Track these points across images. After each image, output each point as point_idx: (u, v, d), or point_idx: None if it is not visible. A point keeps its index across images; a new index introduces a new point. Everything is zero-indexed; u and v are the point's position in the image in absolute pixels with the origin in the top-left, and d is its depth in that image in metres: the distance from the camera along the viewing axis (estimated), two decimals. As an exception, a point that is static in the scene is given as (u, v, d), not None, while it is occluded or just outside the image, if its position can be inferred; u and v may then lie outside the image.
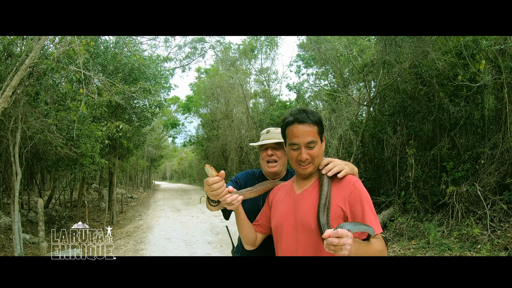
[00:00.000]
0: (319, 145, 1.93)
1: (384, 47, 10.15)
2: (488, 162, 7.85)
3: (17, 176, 7.91)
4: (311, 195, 1.91)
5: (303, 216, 1.83)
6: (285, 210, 1.96)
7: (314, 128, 1.89)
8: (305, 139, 1.87)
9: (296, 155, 1.92)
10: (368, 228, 1.56)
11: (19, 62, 6.84)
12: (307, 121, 1.89)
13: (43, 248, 7.42)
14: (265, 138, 2.56)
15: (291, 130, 1.93)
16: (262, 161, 2.56)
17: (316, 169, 1.97)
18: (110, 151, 13.88)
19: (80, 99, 6.81)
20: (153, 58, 14.86)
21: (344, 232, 1.37)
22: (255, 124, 19.02)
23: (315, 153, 1.90)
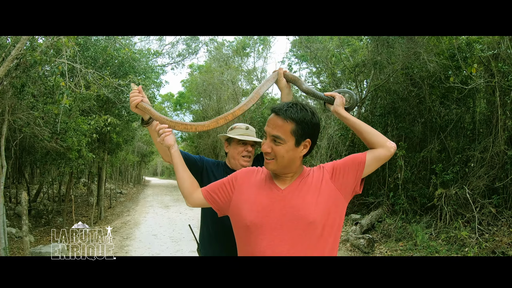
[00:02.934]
0: (290, 146, 1.69)
1: (376, 47, 10.14)
2: (477, 165, 7.87)
3: (2, 169, 7.78)
4: (301, 189, 1.72)
5: (297, 211, 1.64)
6: (267, 207, 1.70)
7: (288, 124, 1.67)
8: (271, 131, 1.69)
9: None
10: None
11: (5, 53, 6.71)
12: (281, 114, 1.68)
13: (26, 242, 7.31)
14: (245, 133, 2.62)
15: (268, 119, 1.78)
16: (237, 154, 2.58)
17: (285, 170, 1.75)
18: (99, 146, 13.74)
19: (61, 92, 6.67)
20: (144, 52, 14.68)
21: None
22: (246, 122, 18.95)
23: (279, 152, 1.68)
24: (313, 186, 1.73)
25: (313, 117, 1.73)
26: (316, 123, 1.75)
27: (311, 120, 1.71)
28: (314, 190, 1.71)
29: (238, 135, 2.59)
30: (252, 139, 2.57)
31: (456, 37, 8.27)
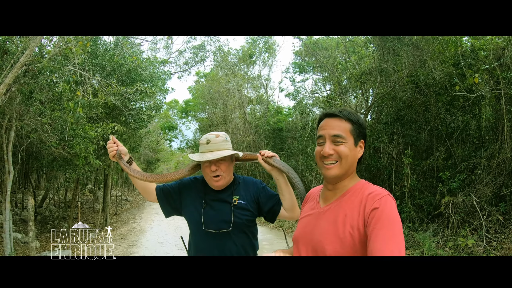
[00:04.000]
0: (350, 145, 1.65)
1: (382, 55, 10.16)
2: (484, 173, 7.82)
3: (9, 175, 7.84)
4: (333, 210, 1.64)
5: (319, 235, 1.60)
6: (306, 223, 1.73)
7: (345, 123, 1.65)
8: (331, 132, 1.64)
9: (320, 150, 1.67)
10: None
11: (14, 60, 6.79)
12: (338, 115, 1.67)
13: (32, 248, 7.34)
14: (205, 150, 2.31)
15: (321, 124, 1.72)
16: (206, 176, 2.36)
17: (344, 175, 1.67)
18: (106, 153, 13.79)
19: (77, 101, 6.74)
20: (151, 60, 14.80)
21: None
22: (252, 130, 18.99)
23: (343, 151, 1.62)
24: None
25: (362, 120, 1.73)
26: (365, 126, 1.74)
27: (362, 122, 1.71)
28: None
29: (197, 155, 2.34)
30: (209, 158, 2.24)
31: (460, 44, 8.28)
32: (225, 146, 2.32)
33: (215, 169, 2.28)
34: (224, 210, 2.33)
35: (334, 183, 1.68)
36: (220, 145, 2.30)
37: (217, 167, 2.28)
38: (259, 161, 2.35)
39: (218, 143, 2.30)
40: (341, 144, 1.62)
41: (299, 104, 16.62)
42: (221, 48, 21.39)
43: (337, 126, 1.64)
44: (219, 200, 2.38)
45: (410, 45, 9.20)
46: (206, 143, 2.30)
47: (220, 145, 2.30)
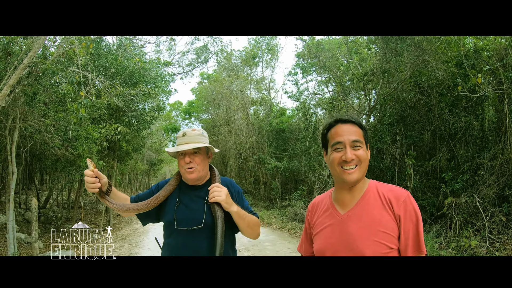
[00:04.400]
0: (365, 149, 1.73)
1: (385, 56, 10.15)
2: (487, 173, 7.79)
3: (13, 175, 7.88)
4: (359, 216, 1.69)
5: (353, 241, 1.63)
6: (330, 233, 1.74)
7: (358, 129, 1.74)
8: (350, 137, 1.70)
9: (340, 156, 1.70)
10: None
11: (18, 61, 6.84)
12: (351, 120, 1.75)
13: (35, 248, 7.36)
14: (181, 142, 2.35)
15: (334, 130, 1.76)
16: (181, 168, 2.36)
17: (362, 178, 1.74)
18: (109, 154, 13.86)
19: (80, 101, 6.78)
20: (154, 61, 14.84)
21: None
22: (255, 131, 19.00)
23: (362, 155, 1.70)
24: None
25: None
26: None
27: (364, 126, 1.79)
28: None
29: (172, 148, 2.40)
30: (182, 149, 2.29)
31: (463, 45, 8.26)
32: (200, 140, 2.33)
33: (188, 161, 2.29)
34: (197, 207, 2.31)
35: (352, 186, 1.74)
36: (195, 138, 2.32)
37: (191, 159, 2.30)
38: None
39: (193, 136, 2.33)
40: (360, 149, 1.69)
41: (302, 105, 16.63)
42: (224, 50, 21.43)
43: (354, 132, 1.71)
44: (194, 196, 2.37)
45: (413, 45, 9.19)
46: (182, 135, 2.35)
47: (195, 138, 2.32)
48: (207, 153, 2.43)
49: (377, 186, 1.76)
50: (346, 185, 1.74)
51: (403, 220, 1.60)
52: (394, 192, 1.68)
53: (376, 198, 1.69)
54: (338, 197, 1.80)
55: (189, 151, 2.31)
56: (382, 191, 1.71)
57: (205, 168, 2.39)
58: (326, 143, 1.82)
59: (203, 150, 2.38)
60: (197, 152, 2.33)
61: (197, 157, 2.32)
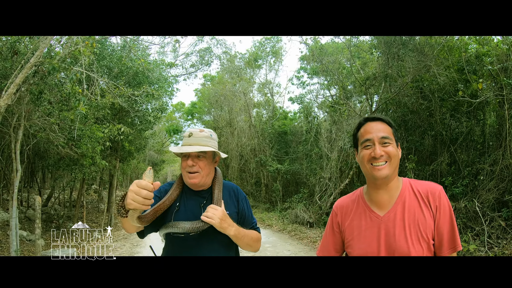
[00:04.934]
0: (395, 146, 1.73)
1: (387, 60, 10.22)
2: (487, 178, 7.84)
3: (17, 173, 7.95)
4: (401, 217, 1.68)
5: (398, 242, 1.63)
6: (370, 237, 1.72)
7: (388, 127, 1.76)
8: (378, 134, 1.71)
9: (369, 152, 1.72)
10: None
11: (24, 60, 6.92)
12: (380, 118, 1.78)
13: (38, 246, 7.43)
14: (186, 143, 2.15)
15: (363, 128, 1.79)
16: (183, 170, 2.17)
17: (393, 175, 1.73)
18: (112, 153, 13.93)
19: (78, 99, 6.86)
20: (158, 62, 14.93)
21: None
22: (257, 133, 19.07)
23: (392, 151, 1.69)
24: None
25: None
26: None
27: (394, 125, 1.81)
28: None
29: (176, 147, 2.19)
30: (186, 151, 2.08)
31: (465, 50, 8.33)
32: (208, 143, 2.15)
33: (191, 164, 2.10)
34: (197, 214, 2.10)
35: (385, 184, 1.74)
36: (202, 140, 2.14)
37: (194, 163, 2.11)
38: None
39: (200, 138, 2.15)
40: (389, 145, 1.70)
41: (304, 108, 16.70)
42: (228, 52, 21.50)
43: (382, 129, 1.73)
44: (197, 202, 2.19)
45: (415, 50, 9.26)
46: (188, 136, 2.17)
47: (202, 140, 2.14)
48: (213, 157, 2.24)
49: (411, 183, 1.76)
50: (377, 182, 1.74)
51: (437, 214, 1.64)
52: (429, 187, 1.71)
53: (412, 196, 1.71)
54: (373, 198, 1.80)
55: (193, 154, 2.12)
56: (417, 187, 1.73)
57: (210, 173, 2.20)
58: (356, 142, 1.84)
59: (209, 154, 2.18)
60: (202, 156, 2.14)
61: (201, 161, 2.13)
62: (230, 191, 2.31)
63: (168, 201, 2.08)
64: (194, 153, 2.12)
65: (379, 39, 10.41)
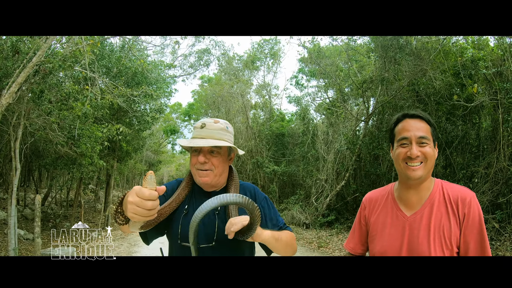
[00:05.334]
0: (432, 146, 1.66)
1: (384, 64, 10.34)
2: (482, 181, 7.96)
3: (16, 171, 7.99)
4: (427, 220, 1.63)
5: (420, 245, 1.61)
6: (394, 235, 1.70)
7: (427, 126, 1.67)
8: (416, 133, 1.64)
9: (405, 151, 1.65)
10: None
11: (26, 60, 6.97)
12: (421, 116, 1.69)
13: (37, 244, 7.48)
14: (198, 135, 1.86)
15: (401, 125, 1.71)
16: (192, 167, 1.87)
17: (426, 176, 1.66)
18: (109, 153, 13.96)
19: (86, 95, 6.92)
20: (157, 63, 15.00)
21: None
22: (254, 135, 19.13)
23: (428, 152, 1.63)
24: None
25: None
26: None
27: (434, 123, 1.73)
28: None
29: (186, 140, 1.93)
30: (198, 144, 1.77)
31: (461, 55, 8.46)
32: (223, 137, 1.86)
33: (203, 161, 1.81)
34: (209, 220, 1.82)
35: (418, 184, 1.68)
36: (217, 133, 1.84)
37: (206, 159, 1.82)
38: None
39: (215, 130, 1.84)
40: (426, 145, 1.64)
41: (301, 110, 16.81)
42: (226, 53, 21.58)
43: (421, 128, 1.66)
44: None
45: (412, 54, 9.39)
46: (200, 127, 1.86)
47: (217, 133, 1.84)
48: (228, 154, 1.96)
49: (443, 185, 1.70)
50: (410, 182, 1.68)
51: (464, 222, 1.57)
52: (460, 193, 1.63)
53: (441, 199, 1.65)
54: (403, 196, 1.75)
55: (205, 149, 1.83)
56: (448, 191, 1.66)
57: (223, 172, 1.91)
58: (392, 138, 1.77)
59: (224, 150, 1.89)
60: (215, 151, 1.84)
61: (215, 157, 1.84)
62: (247, 193, 2.00)
63: (175, 203, 1.84)
64: (207, 147, 1.82)
65: (376, 43, 10.53)
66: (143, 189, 1.30)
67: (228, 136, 1.90)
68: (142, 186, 1.32)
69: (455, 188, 1.67)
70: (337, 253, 9.23)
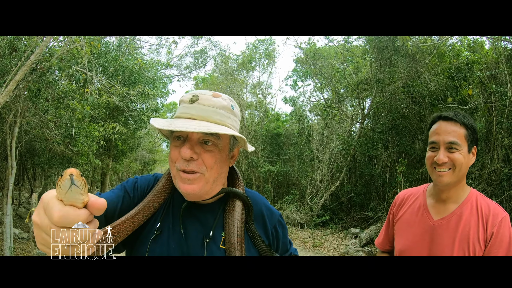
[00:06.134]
0: (465, 153, 1.57)
1: (379, 65, 10.42)
2: (475, 182, 8.05)
3: (12, 170, 7.97)
4: (454, 228, 1.58)
5: (442, 252, 1.58)
6: (418, 236, 1.68)
7: (461, 129, 1.58)
8: (445, 138, 1.58)
9: (433, 156, 1.61)
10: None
11: (24, 58, 6.97)
12: (454, 119, 1.60)
13: (33, 243, 7.47)
14: (184, 113, 1.20)
15: (434, 127, 1.65)
16: (172, 165, 1.21)
17: (456, 183, 1.61)
18: (104, 152, 13.95)
19: (86, 98, 6.94)
20: (153, 63, 15.00)
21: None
22: (249, 135, 19.16)
23: (457, 159, 1.56)
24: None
25: (475, 124, 1.65)
26: (477, 131, 1.65)
27: (476, 127, 1.63)
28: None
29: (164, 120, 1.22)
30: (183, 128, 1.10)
31: (456, 57, 8.55)
32: (225, 120, 1.21)
33: (189, 156, 1.15)
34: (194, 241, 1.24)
35: (448, 190, 1.63)
36: (214, 112, 1.19)
37: (195, 154, 1.17)
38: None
39: (212, 108, 1.19)
40: (456, 152, 1.56)
41: (296, 110, 16.87)
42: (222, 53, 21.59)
43: (452, 132, 1.58)
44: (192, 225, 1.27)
45: (407, 56, 9.48)
46: (190, 101, 1.20)
47: (214, 112, 1.19)
48: (230, 148, 1.28)
49: (478, 197, 1.63)
50: (438, 186, 1.65)
51: (491, 241, 1.51)
52: (493, 210, 1.56)
53: (473, 211, 1.58)
54: (433, 199, 1.71)
55: (194, 137, 1.17)
56: (481, 204, 1.59)
57: (220, 177, 1.26)
58: (427, 139, 1.71)
59: (225, 141, 1.24)
60: (211, 142, 1.18)
61: (209, 152, 1.18)
62: (261, 214, 1.40)
63: (143, 215, 1.22)
64: (196, 135, 1.17)
65: (372, 44, 10.61)
66: (53, 204, 0.75)
67: (233, 120, 1.25)
68: (56, 196, 0.76)
69: (490, 203, 1.60)
70: (332, 253, 9.31)
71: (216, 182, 1.26)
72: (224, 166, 1.27)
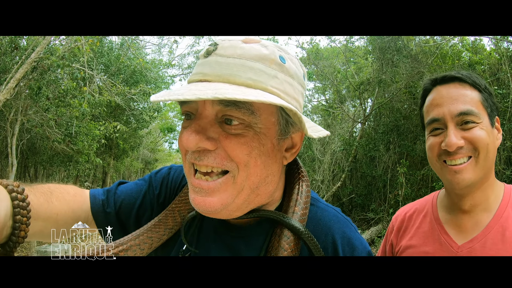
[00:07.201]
0: (487, 127, 1.02)
1: (381, 66, 10.38)
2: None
3: (12, 168, 7.98)
4: (491, 252, 0.98)
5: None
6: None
7: (473, 92, 1.03)
8: (454, 108, 1.01)
9: (438, 142, 1.04)
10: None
11: (25, 56, 6.97)
12: (459, 77, 1.05)
13: (33, 241, 7.47)
14: (195, 74, 0.81)
15: (430, 98, 1.10)
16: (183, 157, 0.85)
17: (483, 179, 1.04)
18: (106, 151, 13.96)
19: (83, 96, 6.94)
20: (156, 62, 15.01)
21: None
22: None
23: (480, 138, 1.00)
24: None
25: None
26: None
27: (492, 90, 1.09)
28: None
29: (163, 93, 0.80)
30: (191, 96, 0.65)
31: (458, 58, 8.52)
32: (264, 79, 0.74)
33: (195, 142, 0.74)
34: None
35: (470, 194, 1.05)
36: (243, 66, 0.74)
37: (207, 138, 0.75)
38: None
39: (240, 61, 0.75)
40: (475, 126, 1.01)
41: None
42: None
43: (462, 97, 1.02)
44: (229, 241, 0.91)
45: (409, 57, 9.43)
46: (205, 53, 0.80)
47: (243, 66, 0.74)
48: (282, 132, 0.81)
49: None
50: (455, 191, 1.06)
51: None
52: None
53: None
54: (452, 213, 1.10)
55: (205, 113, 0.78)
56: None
57: (265, 181, 0.81)
58: (423, 123, 1.18)
59: (268, 118, 0.78)
60: (235, 119, 0.75)
61: (234, 137, 0.75)
62: (328, 244, 0.89)
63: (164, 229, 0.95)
64: (211, 108, 0.77)
65: (374, 45, 10.57)
66: None
67: (283, 82, 0.78)
68: None
69: None
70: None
71: (258, 192, 0.78)
72: (271, 164, 0.79)
